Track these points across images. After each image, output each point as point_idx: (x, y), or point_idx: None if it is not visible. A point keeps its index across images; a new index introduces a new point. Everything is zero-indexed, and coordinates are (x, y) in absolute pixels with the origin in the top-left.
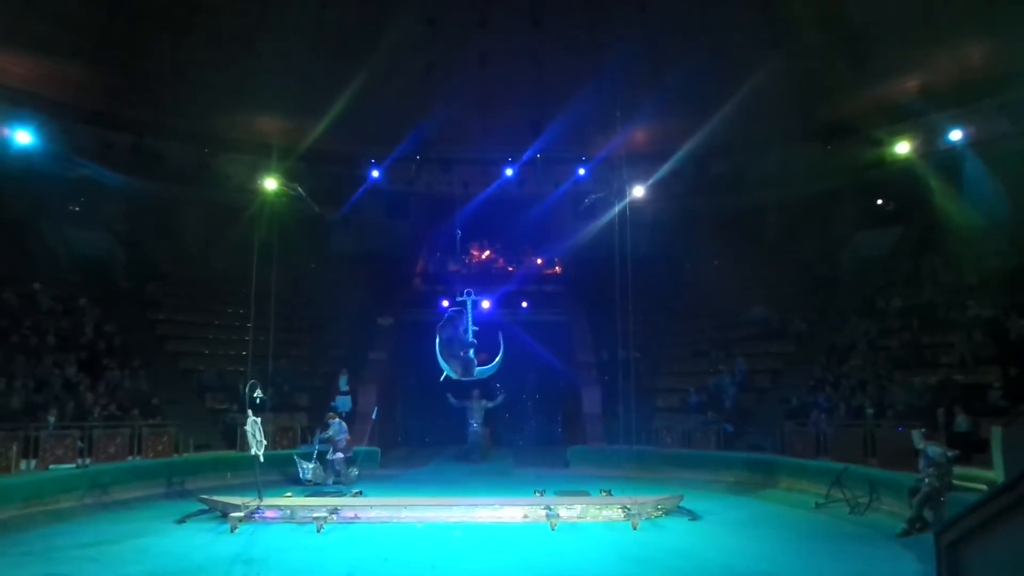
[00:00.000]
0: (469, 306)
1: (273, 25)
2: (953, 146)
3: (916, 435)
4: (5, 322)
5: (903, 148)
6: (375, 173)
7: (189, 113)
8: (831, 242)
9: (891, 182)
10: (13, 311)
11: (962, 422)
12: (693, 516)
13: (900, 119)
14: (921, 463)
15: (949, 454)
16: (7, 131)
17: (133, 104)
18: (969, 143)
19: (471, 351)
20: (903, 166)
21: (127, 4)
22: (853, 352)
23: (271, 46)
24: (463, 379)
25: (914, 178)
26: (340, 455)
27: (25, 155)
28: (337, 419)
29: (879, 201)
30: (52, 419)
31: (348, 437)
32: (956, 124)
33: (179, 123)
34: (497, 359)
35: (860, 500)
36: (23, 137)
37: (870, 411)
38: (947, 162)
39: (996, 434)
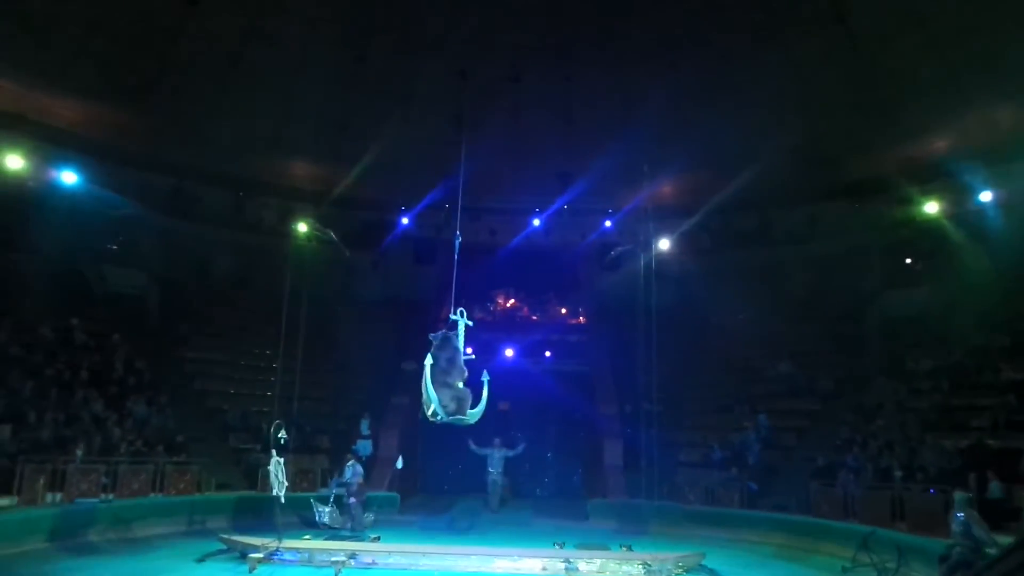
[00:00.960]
0: (461, 327)
1: (309, 74)
2: (982, 207)
3: (960, 498)
4: (40, 357)
5: (932, 208)
6: (404, 220)
7: (226, 158)
8: (858, 300)
9: (920, 241)
10: (50, 345)
11: (995, 488)
12: (714, 575)
13: (930, 179)
14: (954, 528)
15: (992, 542)
16: (53, 172)
17: (173, 148)
18: (999, 204)
19: (463, 383)
20: (932, 225)
21: (171, 53)
22: (881, 412)
23: (307, 95)
24: (451, 419)
25: (943, 237)
26: (353, 500)
27: (69, 195)
28: (352, 461)
29: (908, 260)
30: (80, 453)
31: (361, 481)
32: (986, 185)
33: (216, 167)
34: (482, 403)
35: (888, 565)
36: (68, 177)
37: (898, 473)
38: (977, 222)
39: None
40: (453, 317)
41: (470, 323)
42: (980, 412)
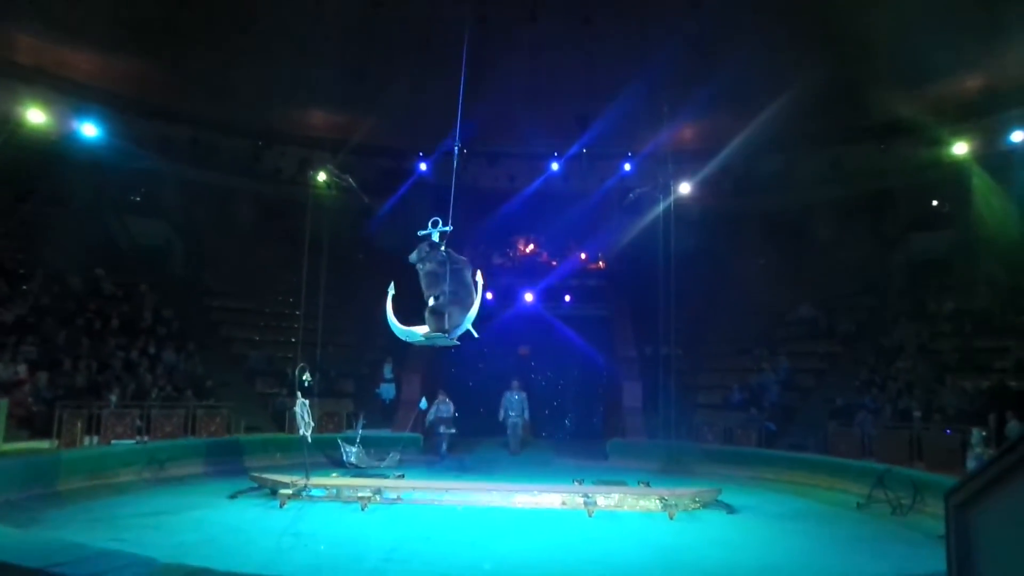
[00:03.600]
0: (436, 238)
1: (325, 21)
2: (1014, 148)
3: (977, 435)
4: (72, 305)
5: (961, 149)
6: (423, 167)
7: (243, 107)
8: (883, 243)
9: (947, 183)
10: (78, 295)
11: (1013, 427)
12: (731, 510)
13: (960, 119)
14: (971, 465)
15: None
16: (75, 124)
17: (191, 98)
18: None
19: (440, 298)
20: (961, 167)
21: (188, 2)
22: (902, 355)
23: (323, 42)
24: (435, 339)
25: (971, 180)
26: (443, 430)
27: (90, 147)
28: (445, 397)
29: (934, 202)
30: (114, 398)
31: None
32: (1018, 125)
33: (233, 117)
34: (474, 308)
35: (903, 501)
36: (89, 130)
37: (917, 414)
38: (1006, 164)
39: None
40: (422, 232)
41: (447, 228)
42: (1002, 354)
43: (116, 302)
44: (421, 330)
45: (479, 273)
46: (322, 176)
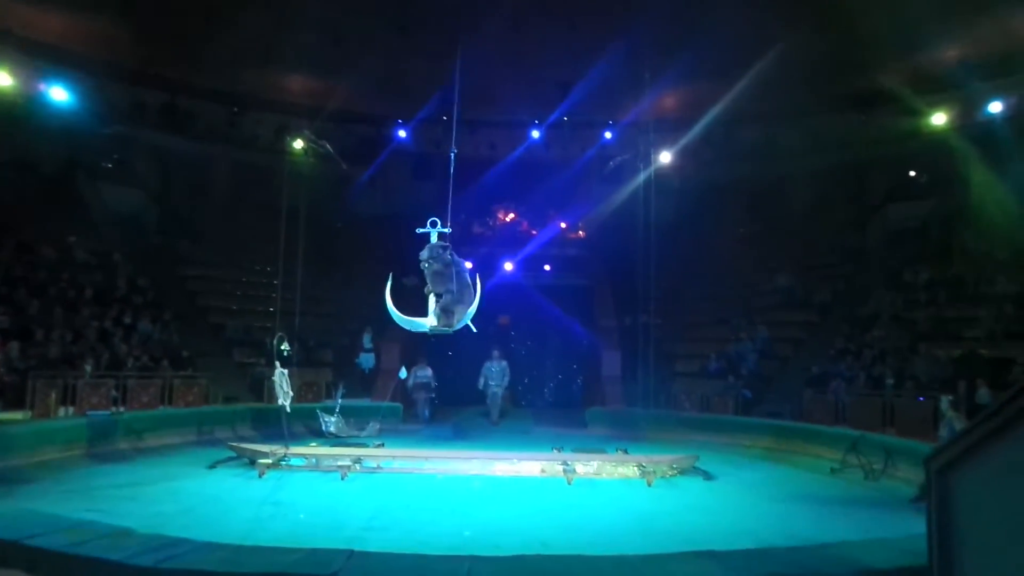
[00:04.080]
0: (434, 237)
1: None
2: (991, 119)
3: (945, 401)
4: (44, 274)
5: (939, 119)
6: (402, 133)
7: (219, 72)
8: (861, 213)
9: (925, 154)
10: (51, 264)
11: (984, 394)
12: (708, 476)
13: (938, 89)
14: (942, 431)
15: None
16: (44, 88)
17: (165, 62)
18: (1009, 115)
19: (447, 296)
20: (938, 138)
21: None
22: (877, 323)
23: (300, 4)
24: (438, 330)
25: (949, 150)
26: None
27: (61, 112)
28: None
29: (912, 173)
30: (88, 368)
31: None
32: (996, 96)
33: (209, 82)
34: (474, 306)
35: (875, 467)
36: (59, 94)
37: (890, 381)
38: (984, 135)
39: None
40: (422, 231)
41: (446, 230)
42: (973, 323)
43: (89, 271)
44: (427, 322)
45: (477, 276)
46: (299, 143)
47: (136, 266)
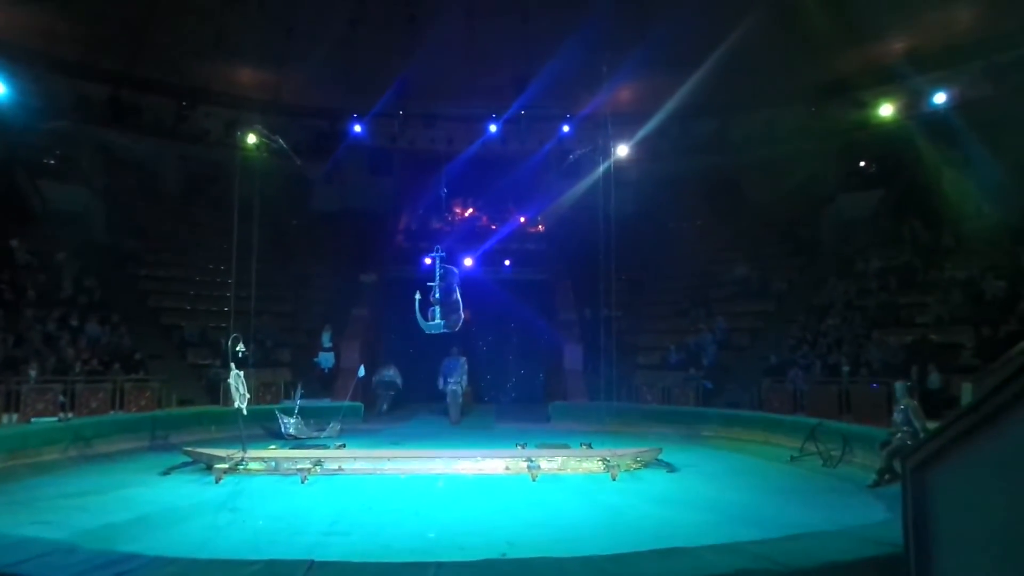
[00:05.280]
0: (437, 264)
1: None
2: (937, 109)
3: (900, 387)
4: None
5: (887, 110)
6: (357, 128)
7: (165, 64)
8: (814, 203)
9: (874, 144)
10: None
11: (935, 379)
12: (671, 468)
13: (885, 81)
14: (896, 417)
15: (924, 430)
16: None
17: (108, 54)
18: (953, 106)
19: (436, 308)
20: (887, 128)
21: None
22: (831, 311)
23: None
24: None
25: (897, 141)
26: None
27: None
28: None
29: (862, 163)
30: (33, 373)
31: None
32: (940, 87)
33: (155, 74)
34: (456, 318)
35: (833, 453)
36: None
37: (845, 368)
38: (930, 125)
39: (967, 390)
40: (431, 255)
41: (443, 254)
42: (924, 309)
43: (32, 272)
44: (435, 322)
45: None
46: (251, 138)
47: (82, 266)
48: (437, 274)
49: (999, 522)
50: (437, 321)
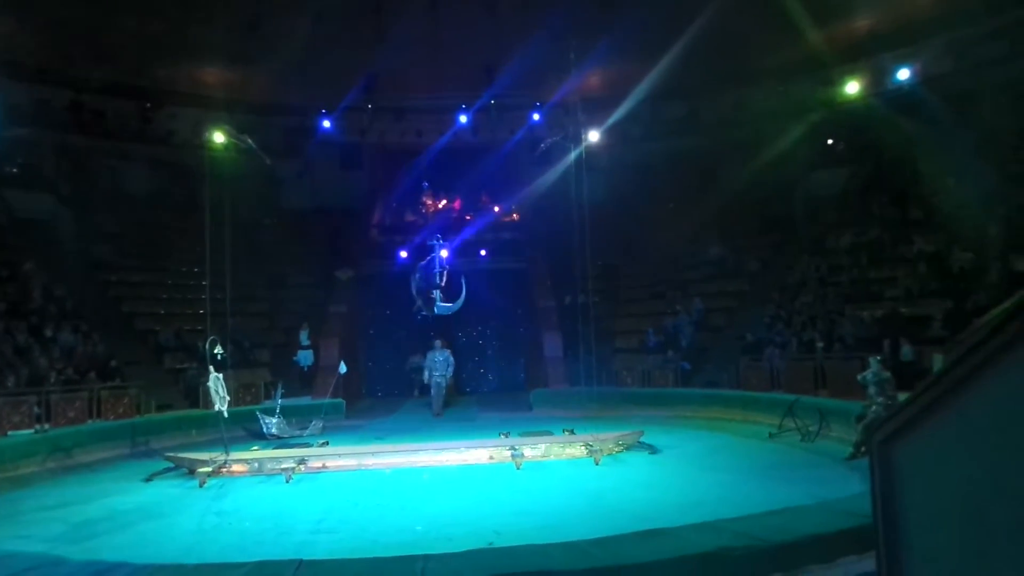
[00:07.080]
0: (437, 250)
1: None
2: (901, 85)
3: (874, 362)
4: None
5: (853, 88)
6: (326, 123)
7: (127, 67)
8: (784, 182)
9: (842, 122)
10: None
11: (907, 352)
12: (653, 450)
13: (851, 59)
14: (870, 391)
15: (894, 402)
16: None
17: (68, 59)
18: (917, 82)
19: (437, 292)
20: (853, 106)
21: None
22: (804, 289)
23: None
24: (427, 314)
25: (863, 118)
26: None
27: None
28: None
29: (830, 141)
30: (9, 385)
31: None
32: (904, 63)
33: (117, 77)
34: (460, 300)
35: (810, 428)
36: None
37: (820, 344)
38: (895, 101)
39: (937, 361)
40: (430, 243)
41: (443, 253)
42: (894, 283)
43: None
44: (445, 304)
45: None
46: (219, 137)
47: (51, 275)
48: (437, 263)
49: (962, 494)
50: (446, 304)
